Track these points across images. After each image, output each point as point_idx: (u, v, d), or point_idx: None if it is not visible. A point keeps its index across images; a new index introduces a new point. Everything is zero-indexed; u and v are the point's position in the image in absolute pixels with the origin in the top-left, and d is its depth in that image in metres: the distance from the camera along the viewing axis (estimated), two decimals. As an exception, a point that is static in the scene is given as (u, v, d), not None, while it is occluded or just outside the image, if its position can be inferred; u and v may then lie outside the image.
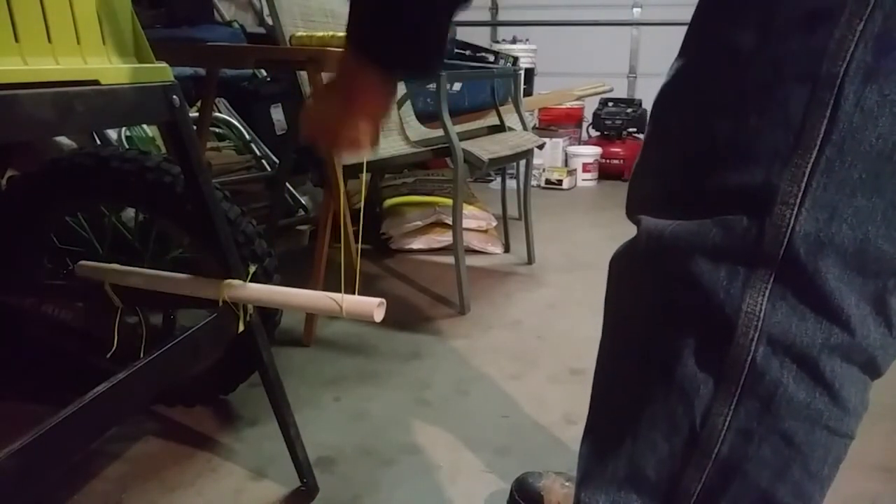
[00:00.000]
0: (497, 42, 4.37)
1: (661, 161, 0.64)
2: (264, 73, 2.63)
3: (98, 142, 1.74)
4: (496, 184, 3.67)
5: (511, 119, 2.46)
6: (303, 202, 2.43)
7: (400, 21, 0.62)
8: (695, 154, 0.59)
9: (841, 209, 0.52)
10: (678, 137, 0.61)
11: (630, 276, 0.67)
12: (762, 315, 0.55)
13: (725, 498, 0.60)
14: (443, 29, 0.64)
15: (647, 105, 3.73)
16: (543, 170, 3.82)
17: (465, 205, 2.39)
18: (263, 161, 2.38)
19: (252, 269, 0.99)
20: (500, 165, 2.24)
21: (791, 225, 0.53)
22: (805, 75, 0.51)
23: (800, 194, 0.52)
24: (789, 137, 0.52)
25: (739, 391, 0.57)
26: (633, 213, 0.67)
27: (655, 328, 0.63)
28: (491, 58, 3.42)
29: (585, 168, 3.94)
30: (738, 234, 0.55)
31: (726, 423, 0.58)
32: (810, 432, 0.57)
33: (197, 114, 1.89)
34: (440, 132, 1.93)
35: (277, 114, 2.61)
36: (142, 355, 0.82)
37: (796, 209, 0.53)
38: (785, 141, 0.52)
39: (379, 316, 0.82)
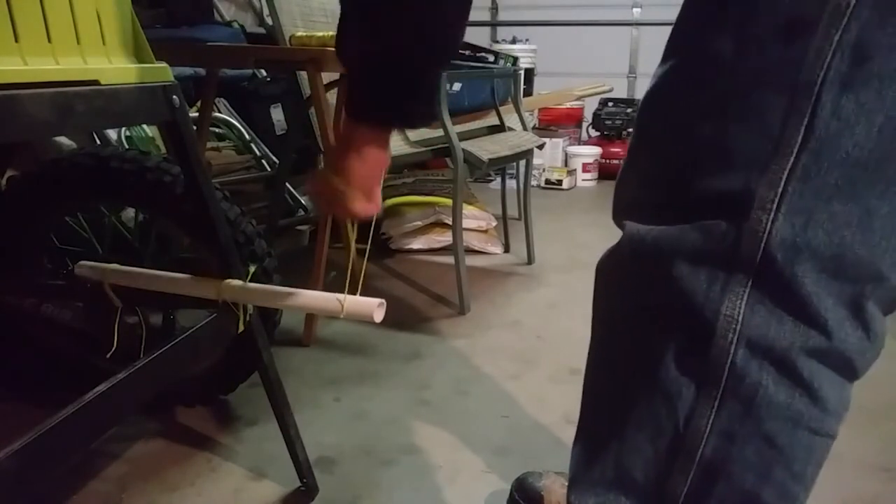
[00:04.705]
0: (497, 42, 4.37)
1: (644, 166, 0.65)
2: (264, 73, 2.63)
3: (98, 142, 1.74)
4: (496, 184, 3.67)
5: (511, 119, 2.46)
6: (303, 202, 2.42)
7: (398, 81, 0.63)
8: (676, 159, 0.60)
9: (817, 215, 0.52)
10: (661, 143, 0.62)
11: (614, 280, 0.68)
12: (741, 318, 0.56)
13: (711, 499, 0.60)
14: (436, 80, 0.67)
15: (647, 105, 3.72)
16: (543, 170, 3.82)
17: (464, 205, 2.39)
18: (263, 161, 2.39)
19: (252, 269, 0.99)
20: (500, 165, 2.24)
21: (768, 230, 0.54)
22: (783, 84, 0.52)
23: (776, 200, 0.53)
24: (768, 145, 0.53)
25: (721, 393, 0.58)
26: (618, 217, 0.68)
27: (638, 331, 0.63)
28: (491, 58, 3.41)
29: (585, 168, 3.94)
30: (717, 239, 0.56)
31: (709, 426, 0.58)
32: (792, 433, 0.57)
33: (197, 114, 1.89)
34: (440, 132, 1.93)
35: (277, 114, 2.61)
36: (142, 355, 0.82)
37: (773, 214, 0.53)
38: (763, 148, 0.53)
39: (379, 316, 0.82)
